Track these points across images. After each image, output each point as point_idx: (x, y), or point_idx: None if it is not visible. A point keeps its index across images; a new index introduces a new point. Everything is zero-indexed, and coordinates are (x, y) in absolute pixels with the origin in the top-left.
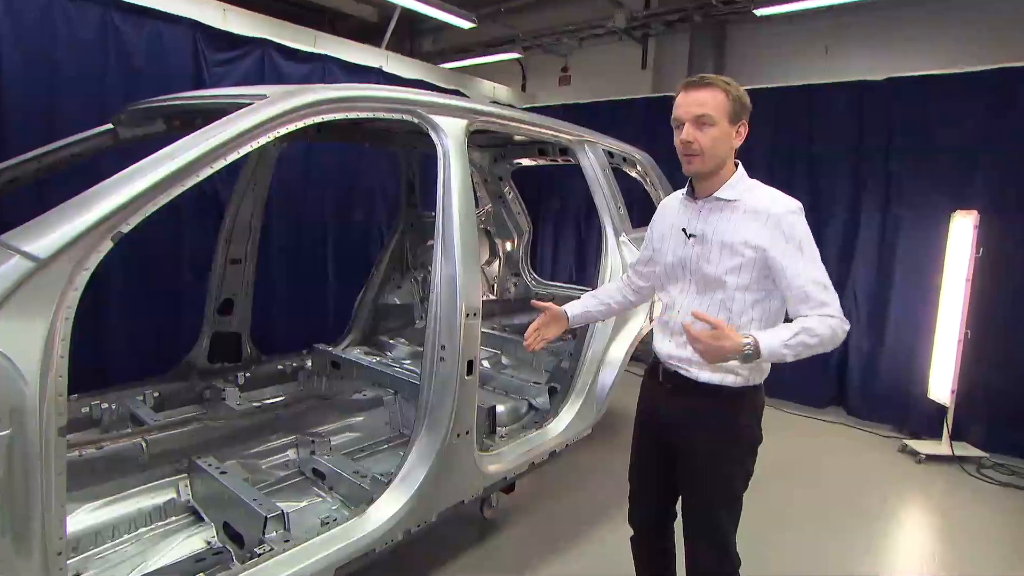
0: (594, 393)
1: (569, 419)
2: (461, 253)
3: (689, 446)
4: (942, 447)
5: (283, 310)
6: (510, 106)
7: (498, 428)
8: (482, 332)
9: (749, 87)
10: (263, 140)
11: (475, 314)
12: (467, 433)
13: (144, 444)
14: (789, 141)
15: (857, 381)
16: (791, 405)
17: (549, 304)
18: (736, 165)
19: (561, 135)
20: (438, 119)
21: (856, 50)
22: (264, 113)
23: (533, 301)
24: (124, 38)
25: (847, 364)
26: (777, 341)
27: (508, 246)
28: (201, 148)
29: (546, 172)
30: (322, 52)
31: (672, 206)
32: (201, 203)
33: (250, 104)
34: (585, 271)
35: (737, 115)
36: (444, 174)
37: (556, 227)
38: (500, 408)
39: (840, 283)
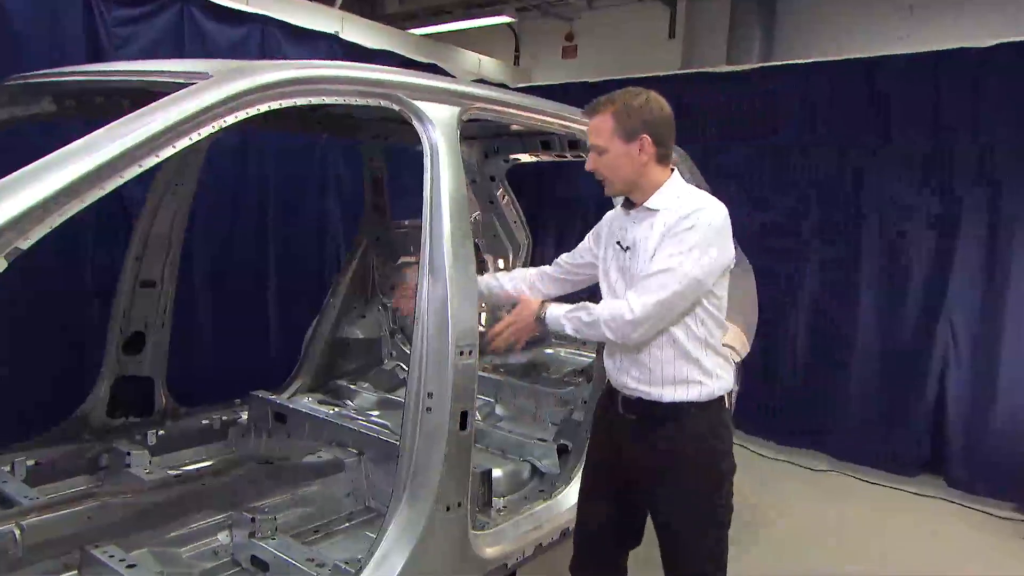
0: None
1: None
2: (454, 273)
3: (662, 485)
4: None
5: (210, 347)
6: (502, 86)
7: (494, 499)
8: None
9: (806, 60)
10: (206, 131)
11: (471, 351)
12: (459, 505)
13: (17, 532)
14: (858, 131)
15: (960, 441)
16: (870, 472)
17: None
18: (672, 170)
19: (574, 124)
20: (424, 106)
21: (950, 9)
22: (210, 96)
23: None
24: None
25: (944, 418)
26: (560, 311)
27: (501, 264)
28: (130, 140)
29: (547, 168)
30: (259, 12)
31: (612, 221)
32: (103, 206)
33: (189, 84)
34: (597, 295)
35: (632, 131)
36: (432, 174)
37: (560, 239)
38: (497, 472)
39: (931, 313)
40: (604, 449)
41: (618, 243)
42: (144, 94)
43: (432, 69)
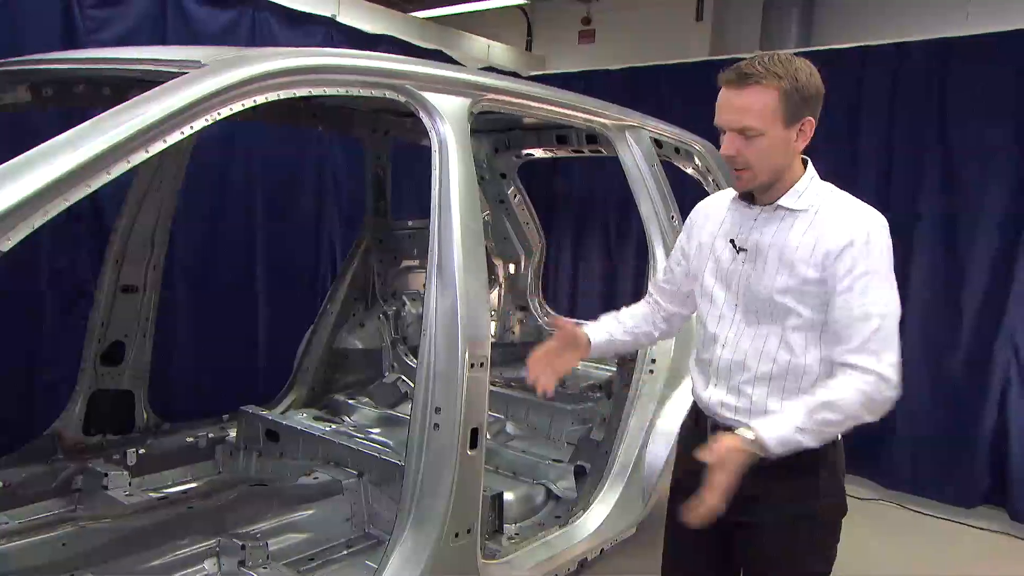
0: (639, 476)
1: (605, 513)
2: (464, 279)
3: (750, 525)
4: None
5: (196, 357)
6: (513, 74)
7: (506, 525)
8: None
9: (849, 45)
10: (199, 124)
11: (483, 363)
12: (468, 532)
13: None
14: (907, 123)
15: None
16: (924, 502)
17: (566, 321)
18: (805, 164)
19: (596, 118)
20: (432, 97)
21: None
22: (205, 87)
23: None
24: None
25: (1007, 444)
26: (787, 427)
27: (511, 269)
28: (119, 134)
29: (561, 164)
30: None
31: (715, 212)
32: (78, 203)
33: (181, 73)
34: (616, 304)
35: (797, 112)
36: (441, 172)
37: (576, 242)
38: (508, 496)
39: (989, 325)
40: (690, 476)
41: (731, 241)
42: (130, 83)
43: (437, 56)
